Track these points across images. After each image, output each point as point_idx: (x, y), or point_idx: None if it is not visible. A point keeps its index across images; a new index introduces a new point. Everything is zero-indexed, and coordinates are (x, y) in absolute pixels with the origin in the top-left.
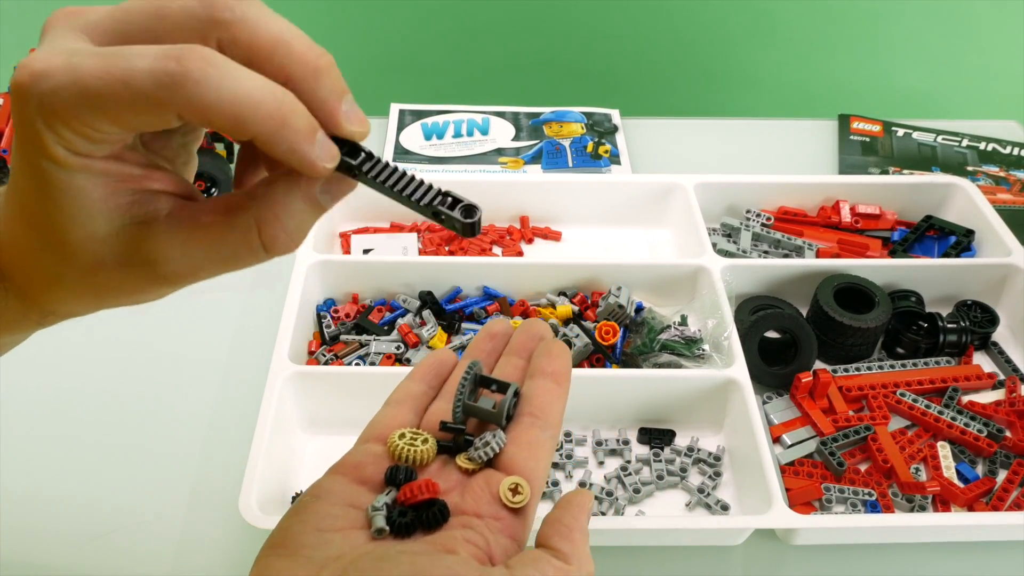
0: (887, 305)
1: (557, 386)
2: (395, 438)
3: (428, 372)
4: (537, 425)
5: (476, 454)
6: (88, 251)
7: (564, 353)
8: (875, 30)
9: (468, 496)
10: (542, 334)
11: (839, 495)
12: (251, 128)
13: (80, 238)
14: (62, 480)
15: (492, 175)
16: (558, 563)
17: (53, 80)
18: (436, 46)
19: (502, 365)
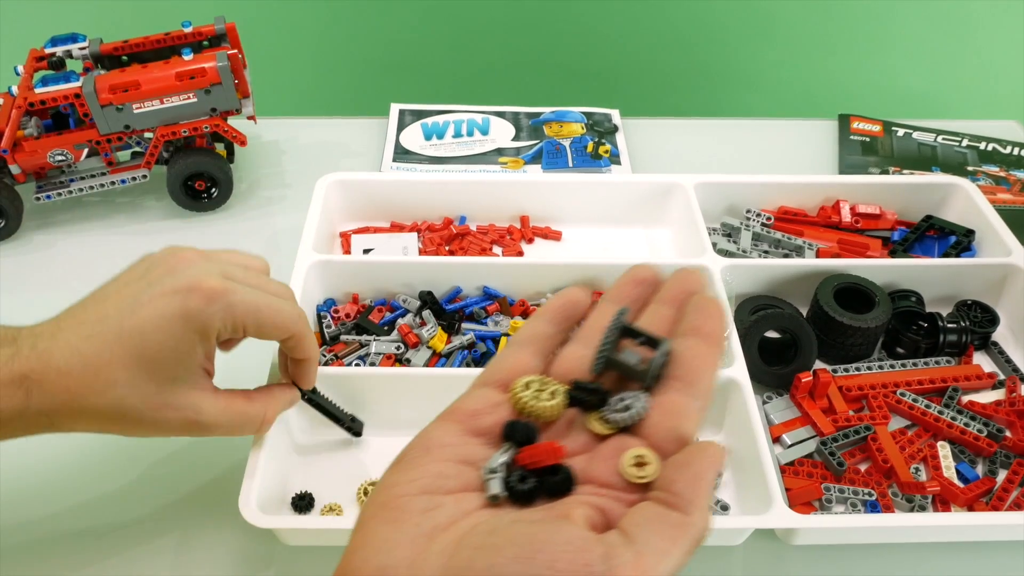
0: (887, 305)
1: (710, 349)
2: (519, 388)
3: (559, 312)
4: (686, 391)
5: (614, 417)
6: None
7: (719, 312)
8: (875, 30)
9: (596, 463)
10: (696, 286)
11: (839, 495)
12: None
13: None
14: (62, 479)
15: (492, 175)
16: (676, 516)
17: (236, 297)
18: (436, 46)
19: (648, 315)
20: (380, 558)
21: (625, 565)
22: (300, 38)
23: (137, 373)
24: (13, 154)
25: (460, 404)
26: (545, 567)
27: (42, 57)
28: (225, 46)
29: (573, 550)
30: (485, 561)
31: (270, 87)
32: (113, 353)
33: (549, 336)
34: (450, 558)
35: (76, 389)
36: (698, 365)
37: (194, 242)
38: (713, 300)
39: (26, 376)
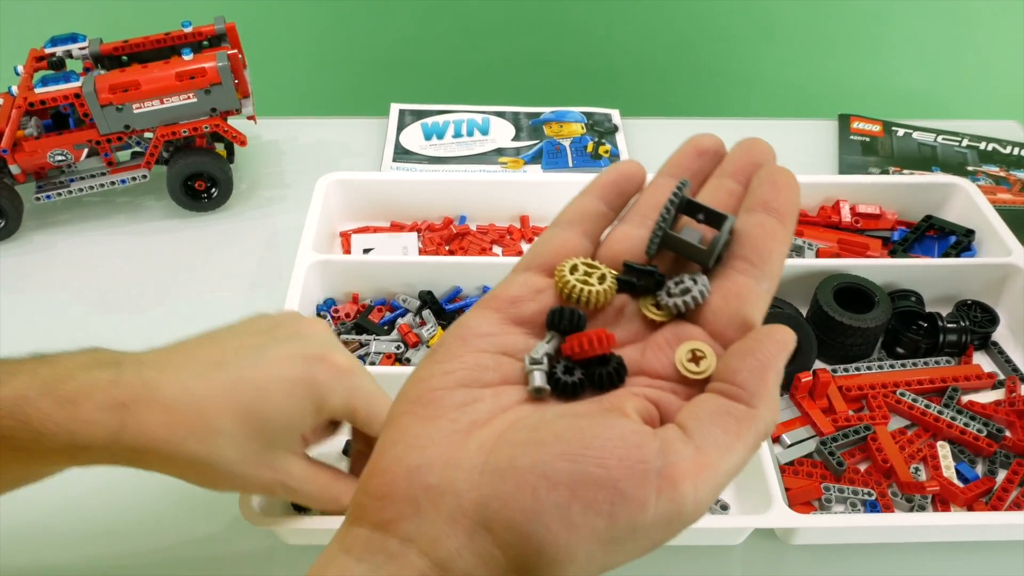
0: (887, 305)
1: (781, 226)
2: (565, 271)
3: (610, 188)
4: (752, 273)
5: (670, 302)
6: None
7: (792, 185)
8: (875, 30)
9: (650, 353)
10: (765, 157)
11: (839, 495)
12: None
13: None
14: (61, 480)
15: (492, 174)
16: (740, 409)
17: (359, 380)
18: (436, 46)
19: (712, 189)
20: (412, 457)
21: (684, 461)
22: (300, 38)
23: (245, 428)
24: (13, 154)
25: (500, 291)
26: (595, 464)
27: (42, 57)
28: (225, 46)
29: (626, 445)
30: (528, 459)
31: (270, 87)
32: (226, 401)
33: (598, 214)
34: (489, 455)
35: (177, 430)
36: (766, 243)
37: (194, 242)
38: (784, 171)
39: (125, 405)
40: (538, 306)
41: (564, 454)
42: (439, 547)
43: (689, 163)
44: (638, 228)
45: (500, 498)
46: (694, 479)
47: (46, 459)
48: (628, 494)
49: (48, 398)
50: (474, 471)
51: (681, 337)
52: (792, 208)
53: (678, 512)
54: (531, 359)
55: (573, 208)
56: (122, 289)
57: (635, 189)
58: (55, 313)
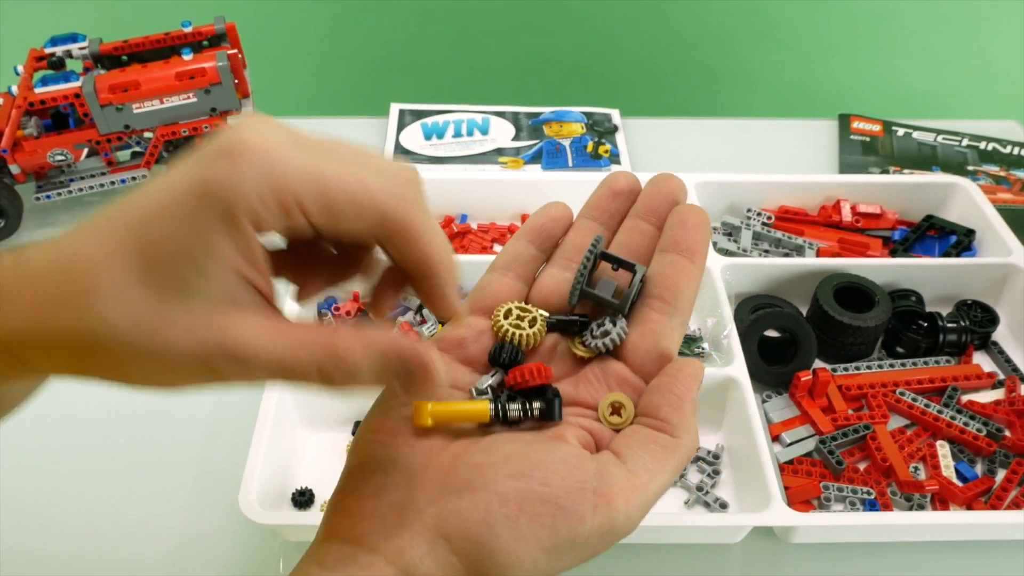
0: (887, 304)
1: (691, 264)
2: (500, 316)
3: (539, 232)
4: (665, 310)
5: (593, 343)
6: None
7: (701, 223)
8: (875, 30)
9: (582, 387)
10: (676, 196)
11: (838, 493)
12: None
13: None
14: (62, 478)
15: (493, 173)
16: (664, 439)
17: (281, 156)
18: (436, 46)
19: (627, 231)
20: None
21: (618, 482)
22: (300, 38)
23: (128, 276)
24: (13, 154)
25: (446, 333)
26: (540, 483)
27: (42, 57)
28: (225, 46)
29: (567, 467)
30: (482, 478)
31: (270, 87)
32: (101, 251)
33: (530, 257)
34: (446, 475)
35: (45, 302)
36: (677, 282)
37: None
38: (693, 210)
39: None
40: (480, 346)
41: (513, 474)
42: (404, 556)
43: (606, 204)
44: (564, 271)
45: (457, 512)
46: (626, 498)
47: None
48: (568, 509)
49: None
50: (434, 489)
51: (607, 372)
52: (701, 245)
53: (612, 526)
54: (476, 390)
55: (507, 253)
56: None
57: (562, 231)
58: None
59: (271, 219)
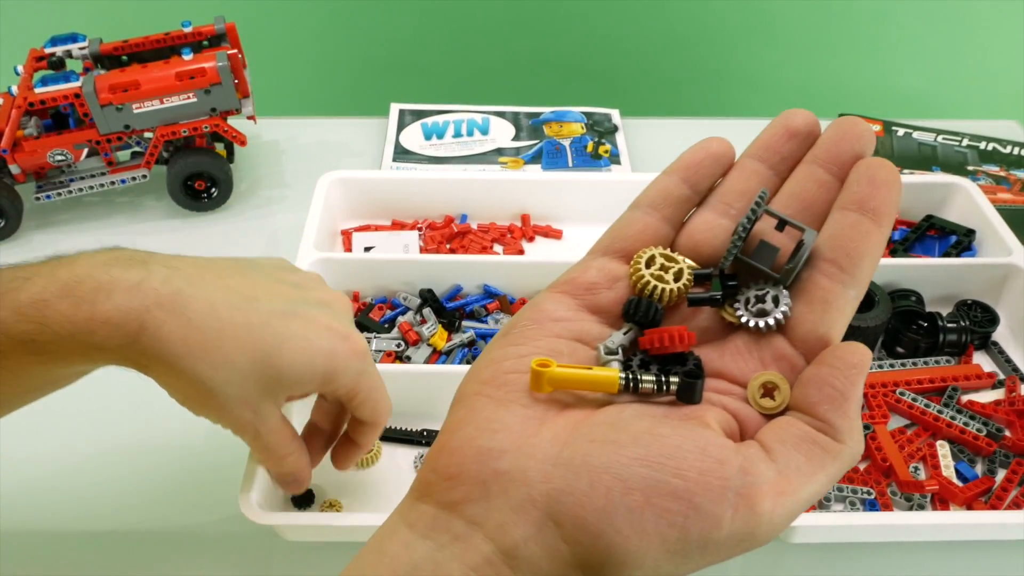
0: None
1: (877, 228)
2: (640, 263)
3: (695, 168)
4: (839, 278)
5: (750, 321)
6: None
7: (893, 182)
8: (875, 30)
9: (728, 357)
10: (864, 146)
11: (838, 493)
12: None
13: None
14: (62, 478)
15: (493, 173)
16: (825, 440)
17: (369, 367)
18: (436, 46)
19: (801, 179)
20: (484, 439)
21: (766, 483)
22: (300, 38)
23: (256, 372)
24: (13, 154)
25: (576, 275)
26: (673, 474)
27: (42, 57)
28: (225, 46)
29: (707, 459)
30: (605, 458)
31: (270, 87)
32: (249, 339)
33: (682, 198)
34: (563, 447)
35: (194, 348)
36: (859, 246)
37: (194, 242)
38: (885, 165)
39: (149, 309)
40: (615, 295)
41: (642, 459)
42: (506, 534)
43: (779, 145)
44: (720, 217)
45: (572, 494)
46: (773, 502)
47: (66, 360)
48: (704, 509)
49: (66, 300)
50: (547, 462)
51: (761, 342)
52: (891, 208)
53: (751, 533)
54: (606, 348)
55: (655, 189)
56: None
57: (722, 170)
58: None
59: (335, 393)
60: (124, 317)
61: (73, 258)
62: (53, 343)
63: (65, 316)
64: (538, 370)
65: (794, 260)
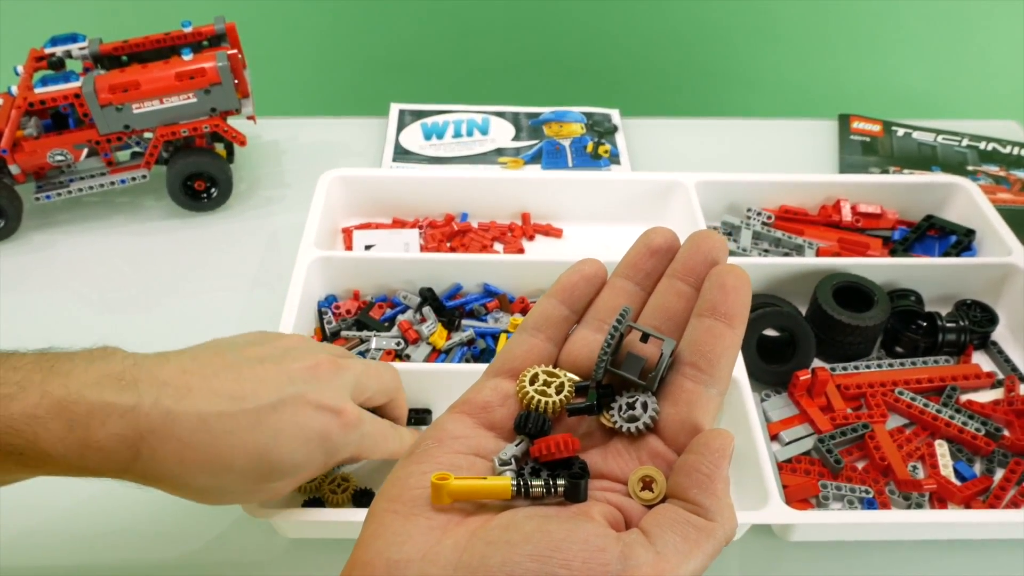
0: (886, 304)
1: (730, 330)
2: (525, 381)
3: (571, 291)
4: (700, 379)
5: (623, 426)
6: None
7: (742, 286)
8: (875, 30)
9: (611, 459)
10: (716, 255)
11: (836, 492)
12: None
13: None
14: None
15: (494, 172)
16: (699, 521)
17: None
18: (436, 46)
19: (663, 292)
20: (391, 551)
21: (644, 565)
22: (300, 38)
23: (255, 468)
24: (13, 154)
25: (472, 396)
26: (561, 566)
27: (42, 57)
28: (225, 46)
29: (589, 549)
30: (499, 557)
31: (270, 87)
32: (241, 441)
33: (561, 318)
34: (463, 552)
35: (191, 465)
36: (714, 349)
37: (194, 242)
38: (735, 271)
39: (142, 437)
40: (507, 411)
41: (532, 555)
42: None
43: (642, 263)
44: (595, 333)
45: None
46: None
47: (55, 472)
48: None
49: (58, 420)
50: (448, 567)
51: (638, 444)
52: (742, 310)
53: None
54: (500, 460)
55: (538, 313)
56: (122, 289)
57: (595, 290)
58: (55, 313)
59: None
60: (118, 445)
61: (65, 367)
62: (42, 459)
63: (57, 437)
64: (437, 483)
65: (656, 368)
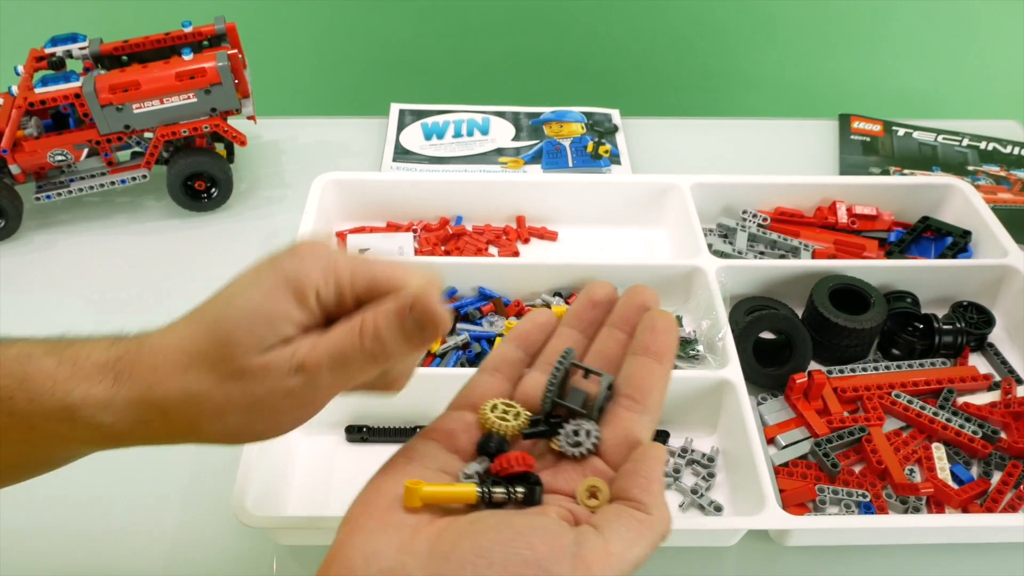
0: (882, 306)
1: (659, 365)
2: (487, 410)
3: (526, 337)
4: (635, 408)
5: (569, 451)
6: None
7: (670, 328)
8: (875, 30)
9: (560, 477)
10: (647, 304)
11: (833, 496)
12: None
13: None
14: (57, 480)
15: (489, 175)
16: (640, 515)
17: (340, 255)
18: (436, 46)
19: (603, 339)
20: (369, 545)
21: (595, 548)
22: (300, 38)
23: (215, 341)
24: (13, 154)
25: (438, 424)
26: (525, 547)
27: (42, 57)
28: (225, 46)
29: (549, 534)
30: (469, 543)
31: (270, 87)
32: (198, 327)
33: (516, 360)
34: (436, 543)
35: (160, 369)
36: (647, 383)
37: (194, 242)
38: (663, 316)
39: (120, 358)
40: (469, 437)
41: (498, 540)
42: None
43: (585, 313)
44: (544, 374)
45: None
46: (603, 563)
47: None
48: (551, 571)
49: (51, 356)
50: (423, 556)
51: (584, 465)
52: (669, 348)
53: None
54: (464, 474)
55: (496, 355)
56: (122, 289)
57: (545, 337)
58: (55, 313)
59: (327, 292)
60: (100, 372)
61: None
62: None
63: (47, 372)
64: (410, 487)
65: (596, 400)
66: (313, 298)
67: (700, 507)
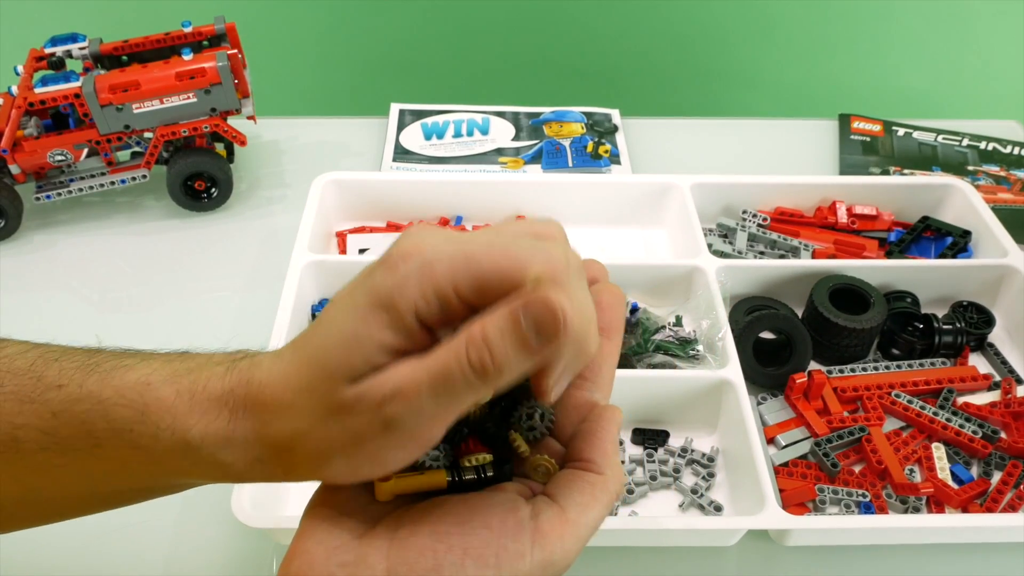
0: (882, 306)
1: (608, 341)
2: None
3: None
4: (586, 387)
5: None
6: None
7: (616, 302)
8: (875, 30)
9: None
10: (596, 277)
11: (833, 496)
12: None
13: None
14: None
15: (488, 175)
16: (592, 476)
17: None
18: (436, 46)
19: None
20: (330, 539)
21: (552, 518)
22: (300, 38)
23: (314, 377)
24: (13, 154)
25: None
26: (482, 526)
27: (42, 57)
28: (225, 46)
29: (504, 510)
30: (427, 529)
31: (270, 87)
32: (301, 356)
33: None
34: (395, 531)
35: (271, 407)
36: (596, 359)
37: (194, 242)
38: (609, 290)
39: (232, 391)
40: None
41: (455, 522)
42: None
43: None
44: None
45: (406, 563)
46: (560, 532)
47: (168, 462)
48: (509, 547)
49: (168, 386)
50: (382, 546)
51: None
52: (617, 323)
53: (550, 561)
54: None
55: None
56: (122, 289)
57: None
58: (55, 313)
59: (428, 306)
60: (216, 407)
61: (194, 353)
62: (152, 437)
63: (166, 406)
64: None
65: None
66: (411, 317)
67: (700, 507)
